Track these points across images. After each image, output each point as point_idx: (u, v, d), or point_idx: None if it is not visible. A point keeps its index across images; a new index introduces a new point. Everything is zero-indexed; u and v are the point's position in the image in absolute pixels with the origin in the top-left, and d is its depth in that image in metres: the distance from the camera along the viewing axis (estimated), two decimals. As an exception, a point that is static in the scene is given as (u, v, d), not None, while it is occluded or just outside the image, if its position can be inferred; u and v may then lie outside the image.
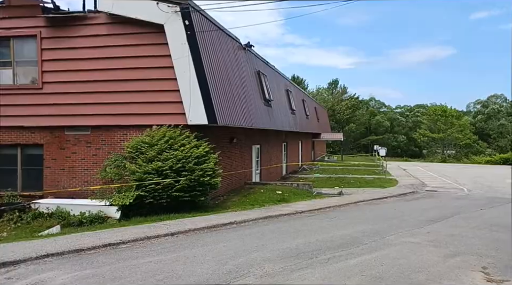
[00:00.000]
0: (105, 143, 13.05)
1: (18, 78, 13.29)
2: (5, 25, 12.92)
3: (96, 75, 12.77)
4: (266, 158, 21.63)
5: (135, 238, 8.41)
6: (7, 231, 10.70)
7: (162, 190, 11.02)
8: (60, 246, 7.60)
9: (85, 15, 12.54)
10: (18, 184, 13.45)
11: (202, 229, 9.65)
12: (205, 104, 12.11)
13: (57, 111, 13.01)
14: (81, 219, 11.04)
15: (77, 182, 13.21)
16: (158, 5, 11.70)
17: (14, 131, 13.39)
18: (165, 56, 12.30)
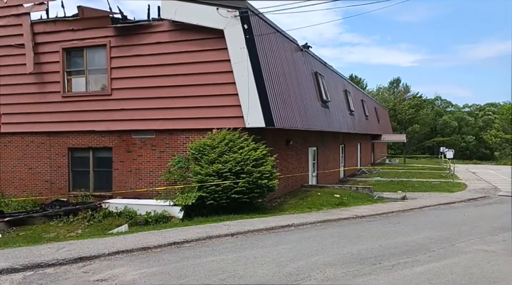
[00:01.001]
0: (169, 146, 13.59)
1: (90, 86, 14.26)
2: (79, 37, 13.94)
3: (159, 81, 13.36)
4: (323, 161, 21.35)
5: (197, 237, 8.68)
6: (81, 228, 11.49)
7: (222, 192, 11.28)
8: (129, 243, 8.03)
9: (150, 23, 13.18)
10: (90, 185, 14.42)
11: (261, 230, 9.74)
12: (262, 107, 12.23)
13: (125, 116, 13.77)
14: (147, 218, 11.55)
15: (142, 183, 13.88)
16: (218, 10, 12.02)
17: (86, 135, 14.37)
18: (224, 61, 12.59)
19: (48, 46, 14.29)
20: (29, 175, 14.93)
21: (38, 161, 14.84)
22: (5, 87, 14.75)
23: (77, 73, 14.37)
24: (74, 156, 14.69)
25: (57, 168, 14.66)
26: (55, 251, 7.44)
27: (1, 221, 11.85)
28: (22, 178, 14.99)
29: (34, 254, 7.26)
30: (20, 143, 14.94)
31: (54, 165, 14.67)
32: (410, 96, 59.86)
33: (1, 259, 6.88)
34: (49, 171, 14.73)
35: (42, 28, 14.26)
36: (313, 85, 17.89)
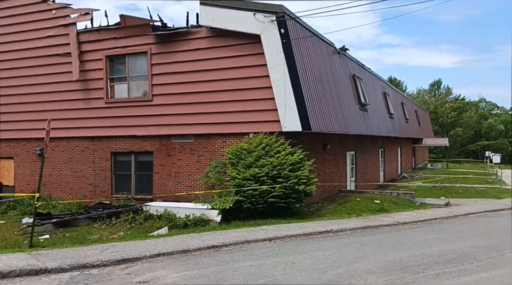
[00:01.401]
0: (206, 150, 13.78)
1: (132, 92, 14.73)
2: (121, 44, 14.45)
3: (198, 87, 13.59)
4: (362, 165, 20.92)
5: (235, 241, 8.72)
6: (123, 230, 11.84)
7: (259, 196, 11.28)
8: (169, 246, 8.18)
9: (188, 30, 13.46)
10: (132, 188, 14.85)
11: (299, 236, 9.65)
12: (299, 111, 12.16)
13: (165, 121, 14.11)
14: (186, 221, 11.73)
15: (181, 186, 14.14)
16: (255, 15, 12.10)
17: (128, 140, 14.83)
18: (261, 65, 12.64)
19: (92, 54, 14.91)
20: (74, 179, 15.59)
21: (83, 165, 15.46)
22: (53, 94, 15.51)
23: (119, 80, 14.89)
24: (117, 160, 15.19)
25: (100, 171, 15.21)
26: (99, 253, 7.70)
27: (49, 223, 12.43)
28: (67, 181, 15.66)
29: (80, 255, 7.54)
30: (66, 147, 15.64)
31: (98, 168, 15.24)
32: (452, 99, 57.55)
33: (50, 259, 7.20)
34: (93, 174, 15.31)
35: (87, 37, 14.91)
36: (351, 88, 17.61)
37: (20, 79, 15.96)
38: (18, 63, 15.92)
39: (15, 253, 7.87)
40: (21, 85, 15.96)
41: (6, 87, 16.18)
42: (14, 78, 16.03)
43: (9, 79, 16.12)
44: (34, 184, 15.71)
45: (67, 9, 15.06)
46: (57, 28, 15.18)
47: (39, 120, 15.37)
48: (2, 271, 6.44)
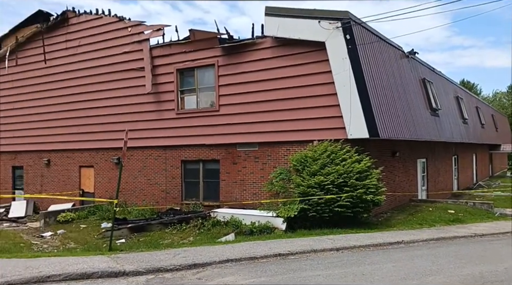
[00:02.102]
0: (270, 158, 13.91)
1: (200, 103, 15.32)
2: (190, 58, 15.13)
3: (262, 96, 13.81)
4: (434, 173, 19.83)
5: (302, 250, 8.69)
6: (193, 236, 12.28)
7: (325, 205, 11.15)
8: (237, 253, 8.36)
9: (253, 41, 13.77)
10: (200, 194, 15.38)
11: (368, 246, 9.38)
12: (366, 118, 11.89)
13: (231, 130, 14.49)
14: (252, 228, 11.88)
15: (246, 193, 14.39)
16: (319, 23, 12.08)
17: (197, 149, 15.42)
18: (325, 72, 12.57)
19: (164, 67, 15.77)
20: (148, 186, 16.49)
21: (156, 173, 16.31)
22: (128, 106, 16.59)
23: (188, 91, 15.57)
24: (187, 167, 15.83)
25: (171, 179, 15.94)
26: (172, 257, 8.06)
27: (125, 227, 13.23)
28: (142, 188, 16.60)
29: (154, 259, 7.96)
30: (140, 156, 16.61)
31: (169, 176, 15.99)
32: (536, 100, 52.77)
33: (128, 262, 7.68)
34: (164, 181, 16.08)
35: (159, 52, 15.81)
36: (421, 93, 16.86)
37: (99, 93, 17.28)
38: (98, 78, 17.25)
39: (96, 255, 8.50)
40: (99, 99, 17.27)
41: (86, 101, 17.59)
42: (94, 92, 17.38)
43: (89, 94, 17.51)
44: (111, 191, 16.87)
45: (141, 26, 16.12)
46: (132, 44, 16.29)
47: (115, 131, 16.58)
48: (87, 272, 6.99)
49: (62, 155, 18.56)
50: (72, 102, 17.92)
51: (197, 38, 14.72)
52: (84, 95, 17.65)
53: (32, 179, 19.53)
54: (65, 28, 18.22)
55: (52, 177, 18.89)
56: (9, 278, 6.62)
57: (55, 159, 18.80)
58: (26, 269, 7.09)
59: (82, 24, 17.75)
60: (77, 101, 17.82)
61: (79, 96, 17.76)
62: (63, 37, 18.22)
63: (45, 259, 7.98)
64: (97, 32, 17.27)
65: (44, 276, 6.74)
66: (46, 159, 18.89)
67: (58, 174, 18.71)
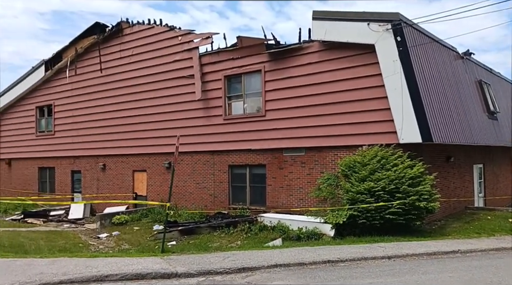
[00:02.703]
0: (318, 163, 13.79)
1: (247, 108, 15.51)
2: (238, 64, 15.39)
3: (309, 100, 13.75)
4: (492, 179, 18.74)
5: (352, 257, 8.51)
6: (240, 240, 12.40)
7: (375, 211, 10.87)
8: (285, 258, 8.35)
9: (300, 46, 13.76)
10: (247, 199, 15.52)
11: (421, 255, 9.03)
12: (418, 121, 11.49)
13: (277, 135, 14.53)
14: (299, 234, 11.81)
15: (293, 199, 14.34)
16: (369, 25, 11.87)
17: (243, 154, 15.59)
18: (374, 75, 12.33)
19: (212, 74, 16.13)
20: (196, 190, 16.88)
21: (204, 177, 16.67)
22: (178, 113, 17.11)
23: (236, 97, 15.81)
24: (234, 172, 16.05)
25: (219, 183, 16.22)
26: (222, 260, 8.19)
27: (176, 230, 13.60)
28: (191, 192, 17.02)
29: (205, 261, 8.12)
30: (189, 161, 17.04)
31: (217, 180, 16.28)
32: None
33: (180, 264, 7.89)
34: (212, 185, 16.39)
35: (207, 59, 16.21)
36: (477, 95, 16.05)
37: (150, 101, 17.95)
38: (150, 86, 17.94)
39: (150, 257, 8.81)
40: (151, 106, 17.94)
41: (139, 108, 18.33)
42: (146, 99, 18.09)
43: (142, 101, 18.25)
44: (163, 194, 17.43)
45: (191, 34, 16.61)
46: (182, 53, 16.81)
47: (166, 137, 17.14)
48: (142, 273, 7.27)
49: (117, 160, 19.45)
50: (126, 109, 18.76)
51: (244, 45, 14.94)
52: (137, 102, 18.40)
53: (89, 182, 20.61)
54: (119, 38, 19.16)
55: (107, 181, 19.83)
56: (72, 276, 7.02)
57: (110, 164, 19.74)
58: (86, 268, 7.49)
59: (135, 34, 18.57)
60: (130, 108, 18.64)
61: (132, 104, 18.56)
62: (117, 47, 19.17)
63: (102, 259, 8.39)
64: (149, 42, 17.99)
65: (102, 275, 7.08)
66: (102, 163, 19.88)
67: (113, 178, 19.61)
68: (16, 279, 6.85)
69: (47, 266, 7.78)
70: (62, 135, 21.63)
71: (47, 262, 8.09)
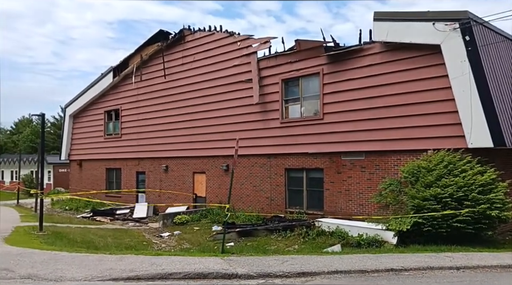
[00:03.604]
0: (379, 168, 13.37)
1: (304, 112, 15.42)
2: (295, 68, 15.37)
3: (369, 103, 13.40)
4: None
5: (417, 266, 8.14)
6: (297, 244, 12.34)
7: (442, 219, 10.32)
8: (346, 264, 8.17)
9: (361, 47, 13.47)
10: (304, 203, 15.41)
11: (494, 267, 8.42)
12: (489, 125, 10.80)
13: (335, 138, 14.30)
14: (359, 241, 11.51)
15: (352, 204, 14.01)
16: (434, 25, 11.35)
17: (300, 157, 15.51)
18: (440, 77, 11.77)
19: (269, 78, 16.26)
20: (253, 192, 17.05)
21: (261, 180, 16.80)
22: (236, 116, 17.41)
23: (293, 101, 15.80)
24: (290, 175, 16.02)
25: (276, 186, 16.27)
26: (281, 263, 8.19)
27: (234, 231, 13.83)
28: (248, 194, 17.22)
29: (264, 264, 8.17)
30: (246, 164, 17.26)
31: (273, 183, 16.34)
32: None
33: (240, 265, 8.00)
34: (269, 189, 16.48)
35: (265, 63, 16.36)
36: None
37: (210, 105, 18.44)
38: (210, 91, 18.45)
39: (211, 257, 9.02)
40: (211, 110, 18.42)
41: (199, 112, 18.89)
42: (205, 104, 18.61)
43: (202, 105, 18.80)
44: (221, 195, 17.81)
45: (249, 39, 16.87)
46: (241, 57, 17.12)
47: (224, 140, 17.51)
48: (203, 272, 7.46)
49: (178, 162, 20.17)
50: (187, 113, 19.43)
51: (302, 48, 14.90)
52: (197, 106, 18.99)
53: (152, 183, 21.56)
54: (181, 45, 19.91)
55: (169, 182, 20.62)
56: (138, 272, 7.38)
57: (172, 166, 20.52)
58: (152, 265, 7.84)
59: (197, 40, 19.20)
60: (191, 112, 19.28)
61: (193, 108, 19.19)
62: (180, 53, 19.93)
63: (166, 257, 8.72)
64: (210, 48, 18.52)
65: (166, 273, 7.37)
66: (165, 165, 20.71)
67: (175, 179, 20.36)
68: (89, 273, 7.33)
69: (116, 262, 8.24)
70: (128, 138, 22.86)
71: (116, 259, 8.57)
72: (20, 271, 7.53)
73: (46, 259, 8.49)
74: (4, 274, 7.41)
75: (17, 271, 7.53)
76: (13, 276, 7.26)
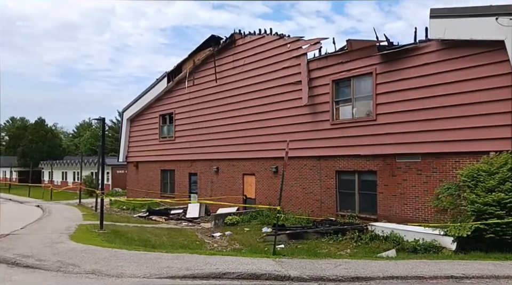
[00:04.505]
0: (436, 170, 12.83)
1: (356, 113, 15.13)
2: (346, 68, 15.13)
3: (425, 103, 12.90)
4: None
5: (479, 274, 7.71)
6: (350, 248, 12.11)
7: (507, 225, 9.68)
8: (402, 270, 7.90)
9: (416, 46, 13.01)
10: (356, 206, 15.10)
11: None
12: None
13: (389, 140, 13.90)
14: (415, 246, 11.10)
15: (407, 208, 13.54)
16: (497, 19, 10.72)
17: (352, 159, 15.23)
18: (504, 74, 11.12)
19: (319, 79, 16.12)
20: (303, 194, 16.96)
21: (310, 182, 16.68)
22: (285, 119, 17.43)
23: (344, 102, 15.55)
24: (341, 178, 15.77)
25: (326, 189, 16.07)
26: (334, 267, 8.08)
27: (283, 233, 13.82)
28: (297, 196, 17.16)
29: (316, 267, 8.10)
30: (296, 166, 17.22)
31: (324, 186, 16.16)
32: None
33: (292, 268, 8.00)
34: (319, 191, 16.31)
35: (315, 64, 16.25)
36: None
37: (259, 107, 18.60)
38: (259, 93, 18.62)
39: (262, 258, 9.09)
40: (260, 112, 18.57)
41: (249, 115, 19.11)
42: (255, 106, 18.79)
43: (251, 108, 19.00)
44: (270, 197, 17.89)
45: (299, 41, 16.84)
46: (290, 59, 17.13)
47: (273, 142, 17.59)
48: (256, 273, 7.54)
49: (229, 164, 20.53)
50: (237, 116, 19.74)
51: (354, 48, 14.64)
52: (247, 109, 19.24)
53: (204, 184, 22.11)
54: (232, 49, 20.27)
55: (220, 183, 21.03)
56: (193, 271, 7.61)
57: (222, 167, 20.92)
58: (206, 264, 8.04)
59: (247, 44, 19.45)
60: (241, 115, 19.56)
61: (242, 111, 19.46)
62: (230, 57, 20.30)
63: (219, 257, 8.91)
64: (260, 51, 18.69)
65: (220, 273, 7.53)
66: (215, 167, 21.16)
67: (225, 181, 20.73)
68: (148, 271, 7.66)
69: (172, 260, 8.54)
70: (181, 140, 23.61)
71: (172, 257, 8.88)
72: (84, 266, 8.03)
73: (108, 256, 8.97)
74: (71, 268, 7.94)
75: (82, 266, 8.03)
76: (79, 271, 7.75)
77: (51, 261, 8.48)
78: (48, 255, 9.13)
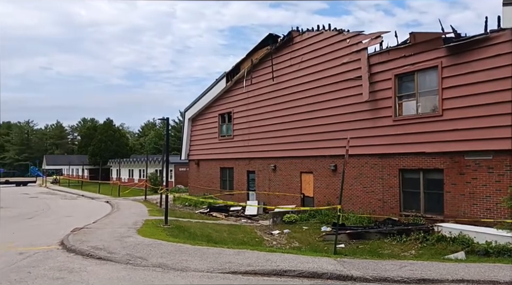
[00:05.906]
0: (509, 168, 11.95)
1: (420, 108, 14.45)
2: (410, 62, 14.48)
3: (495, 97, 12.05)
4: None
5: None
6: (414, 249, 11.62)
7: None
8: (473, 273, 7.46)
9: (487, 36, 12.15)
10: (421, 206, 14.44)
11: None
12: None
13: (457, 136, 13.14)
14: (487, 249, 10.42)
15: (477, 208, 12.73)
16: None
17: (416, 157, 14.56)
18: None
19: (381, 74, 15.58)
20: (363, 193, 16.52)
21: (372, 181, 16.20)
22: (344, 115, 17.04)
23: (407, 97, 14.92)
24: (405, 177, 15.14)
25: (388, 188, 15.53)
26: (398, 268, 7.82)
27: (344, 233, 13.58)
28: (358, 195, 16.75)
29: (379, 268, 7.88)
30: (356, 164, 16.80)
31: (386, 185, 15.62)
32: None
33: (354, 267, 7.85)
34: (381, 190, 15.80)
35: (376, 59, 15.73)
36: None
37: (317, 105, 18.37)
38: (317, 90, 18.38)
39: (323, 257, 9.01)
40: (318, 110, 18.34)
41: (307, 112, 18.95)
42: (313, 104, 18.59)
43: (309, 105, 18.82)
44: (329, 196, 17.64)
45: (359, 36, 16.38)
46: (350, 55, 16.73)
47: (332, 139, 17.31)
48: (317, 272, 7.49)
49: (286, 162, 20.52)
50: (295, 114, 19.65)
51: (417, 41, 13.98)
52: (304, 106, 19.09)
53: (261, 182, 22.30)
54: (290, 47, 20.21)
55: (277, 181, 21.10)
56: (254, 267, 7.73)
57: (280, 165, 20.96)
58: (267, 261, 8.13)
59: (305, 41, 19.27)
60: (298, 113, 19.46)
61: (300, 108, 19.34)
62: (288, 55, 20.25)
63: (280, 255, 8.96)
64: (318, 47, 18.43)
65: (281, 270, 7.58)
66: (273, 165, 21.25)
67: (283, 179, 20.76)
68: (211, 265, 7.89)
69: (233, 256, 8.73)
70: (239, 139, 24.00)
71: (233, 253, 9.08)
72: (151, 260, 8.45)
73: (172, 250, 9.37)
74: (139, 261, 8.39)
75: (149, 260, 8.46)
76: (146, 264, 8.18)
77: (121, 254, 9.02)
78: (118, 248, 9.72)
